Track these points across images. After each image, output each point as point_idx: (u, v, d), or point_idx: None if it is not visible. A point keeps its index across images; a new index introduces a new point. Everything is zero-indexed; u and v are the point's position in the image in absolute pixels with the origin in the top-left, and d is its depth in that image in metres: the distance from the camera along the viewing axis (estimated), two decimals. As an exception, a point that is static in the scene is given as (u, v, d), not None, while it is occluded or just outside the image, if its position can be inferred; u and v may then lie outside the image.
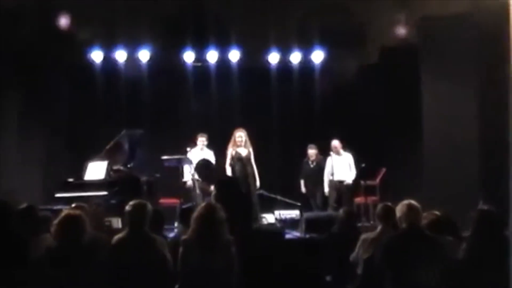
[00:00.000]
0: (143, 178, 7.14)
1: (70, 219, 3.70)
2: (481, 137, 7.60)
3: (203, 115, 9.30)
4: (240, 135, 7.75)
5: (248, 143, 7.79)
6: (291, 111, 9.52)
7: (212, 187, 6.18)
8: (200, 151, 8.03)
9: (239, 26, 8.97)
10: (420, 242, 3.75)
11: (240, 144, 7.75)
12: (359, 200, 8.20)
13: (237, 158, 7.76)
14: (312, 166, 8.52)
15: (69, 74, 8.92)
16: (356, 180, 8.24)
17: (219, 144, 8.26)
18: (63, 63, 8.79)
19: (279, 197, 8.40)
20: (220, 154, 8.14)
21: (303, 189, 8.55)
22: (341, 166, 8.25)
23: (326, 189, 8.29)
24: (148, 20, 8.70)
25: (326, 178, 8.31)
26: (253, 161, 7.79)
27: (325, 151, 8.44)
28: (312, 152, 8.50)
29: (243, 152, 7.77)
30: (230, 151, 7.79)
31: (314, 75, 9.54)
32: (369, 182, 8.15)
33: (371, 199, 8.06)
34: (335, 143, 8.32)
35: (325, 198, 8.37)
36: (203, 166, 7.53)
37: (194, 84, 9.41)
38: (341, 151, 8.25)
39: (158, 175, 7.53)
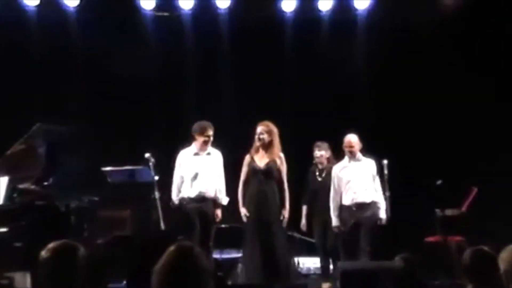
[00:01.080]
0: (71, 204, 7.01)
1: None
2: None
3: (173, 97, 9.39)
4: (261, 132, 7.59)
5: (276, 146, 7.60)
6: (316, 88, 9.60)
7: None
8: (202, 153, 7.70)
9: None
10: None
11: (259, 148, 7.60)
12: (432, 240, 8.24)
13: (253, 172, 7.60)
14: (320, 178, 8.24)
15: None
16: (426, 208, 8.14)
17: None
18: None
19: (296, 235, 8.44)
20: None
21: (303, 223, 8.24)
22: (359, 179, 7.80)
23: (336, 222, 7.81)
24: None
25: (333, 202, 7.85)
26: (285, 178, 7.59)
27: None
28: (319, 153, 8.19)
29: (261, 162, 7.60)
30: (245, 160, 7.68)
31: (354, 32, 9.67)
32: (449, 212, 8.14)
33: (454, 239, 8.08)
34: (351, 138, 7.84)
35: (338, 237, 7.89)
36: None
37: (157, 47, 9.46)
38: (359, 154, 7.88)
39: (96, 198, 7.43)
